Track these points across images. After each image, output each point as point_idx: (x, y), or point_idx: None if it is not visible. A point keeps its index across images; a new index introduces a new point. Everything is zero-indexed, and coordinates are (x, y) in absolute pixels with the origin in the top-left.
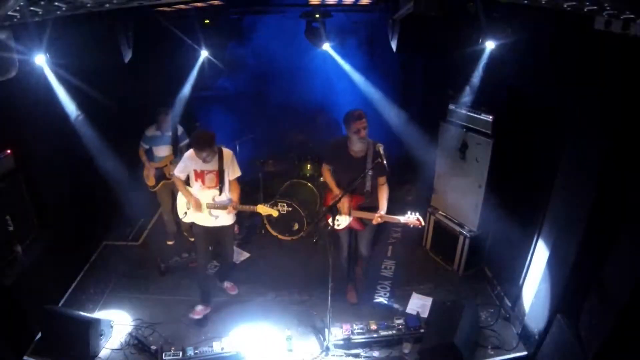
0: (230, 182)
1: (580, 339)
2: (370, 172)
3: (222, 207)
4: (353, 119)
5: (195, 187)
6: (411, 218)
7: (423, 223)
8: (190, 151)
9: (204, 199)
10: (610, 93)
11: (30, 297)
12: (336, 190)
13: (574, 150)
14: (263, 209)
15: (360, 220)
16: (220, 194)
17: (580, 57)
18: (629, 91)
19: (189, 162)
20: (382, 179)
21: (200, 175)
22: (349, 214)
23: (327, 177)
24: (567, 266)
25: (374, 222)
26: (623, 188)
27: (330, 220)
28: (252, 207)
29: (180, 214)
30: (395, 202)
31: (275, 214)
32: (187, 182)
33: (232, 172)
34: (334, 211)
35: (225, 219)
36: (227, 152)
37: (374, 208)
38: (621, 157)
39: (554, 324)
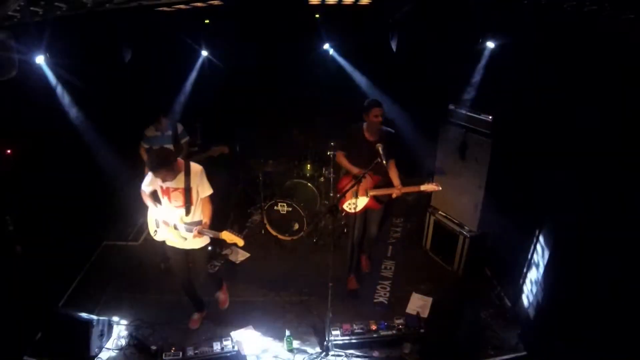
0: (201, 200)
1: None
2: (384, 161)
3: (189, 229)
4: (374, 105)
5: (164, 205)
6: (429, 185)
7: (440, 187)
8: None
9: (172, 219)
10: (611, 92)
11: (30, 297)
12: (355, 170)
13: (574, 150)
14: (228, 236)
15: (376, 198)
16: (187, 214)
17: (580, 57)
18: (629, 90)
19: (153, 178)
20: (391, 162)
21: (165, 192)
22: (366, 195)
23: (344, 162)
24: (567, 266)
25: (394, 196)
26: (623, 188)
27: (345, 205)
28: (217, 233)
29: (151, 232)
30: (396, 202)
31: (240, 243)
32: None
33: (202, 189)
34: (334, 211)
35: (195, 242)
36: (195, 168)
37: (388, 184)
38: (621, 156)
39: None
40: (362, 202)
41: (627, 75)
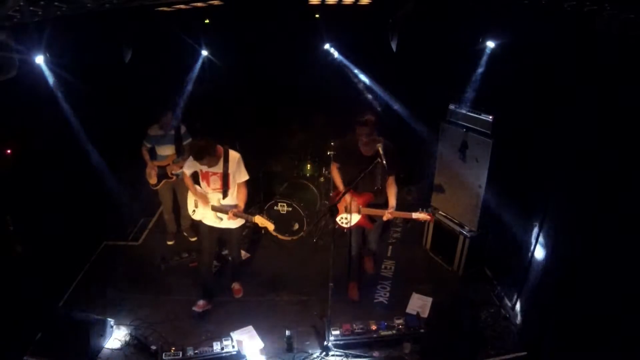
0: (237, 185)
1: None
2: (376, 170)
3: (225, 211)
4: (358, 125)
5: (203, 187)
6: (422, 214)
7: (433, 217)
8: None
9: (210, 201)
10: (609, 92)
11: (30, 297)
12: (341, 188)
13: (574, 150)
14: (260, 220)
15: (369, 217)
16: (224, 198)
17: (580, 57)
18: (628, 90)
19: (194, 162)
20: (390, 178)
21: (205, 176)
22: (359, 212)
23: (334, 175)
24: (566, 266)
25: (385, 219)
26: (624, 189)
27: (338, 219)
28: (250, 216)
29: (190, 211)
30: (397, 203)
31: (271, 227)
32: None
33: (239, 175)
34: (334, 212)
35: (230, 222)
36: (233, 155)
37: (383, 205)
38: (622, 156)
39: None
40: (354, 218)
41: (627, 74)
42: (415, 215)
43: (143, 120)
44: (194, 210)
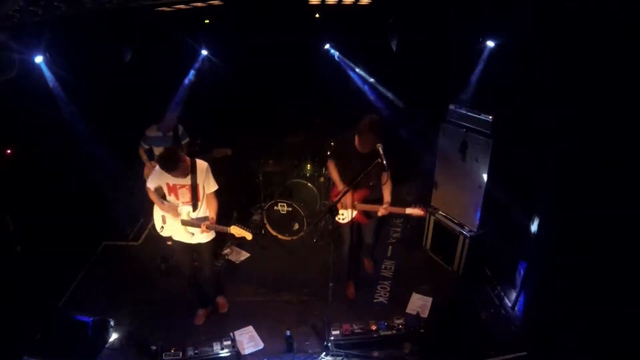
0: (206, 196)
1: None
2: (384, 161)
3: (197, 224)
4: (366, 131)
5: (171, 202)
6: (415, 209)
7: (426, 212)
8: None
9: (179, 214)
10: (609, 91)
11: (30, 297)
12: (340, 186)
13: (574, 150)
14: (237, 231)
15: (364, 213)
16: (194, 210)
17: (580, 57)
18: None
19: (159, 176)
20: (384, 176)
21: (172, 189)
22: (354, 207)
23: (333, 172)
24: (567, 265)
25: (380, 214)
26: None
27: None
28: (225, 227)
29: (157, 228)
30: (396, 203)
31: (249, 237)
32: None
33: (208, 186)
34: (334, 211)
35: (202, 236)
36: (201, 165)
37: (378, 200)
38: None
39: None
40: (349, 214)
41: (627, 73)
42: (408, 210)
43: (143, 121)
44: (162, 227)
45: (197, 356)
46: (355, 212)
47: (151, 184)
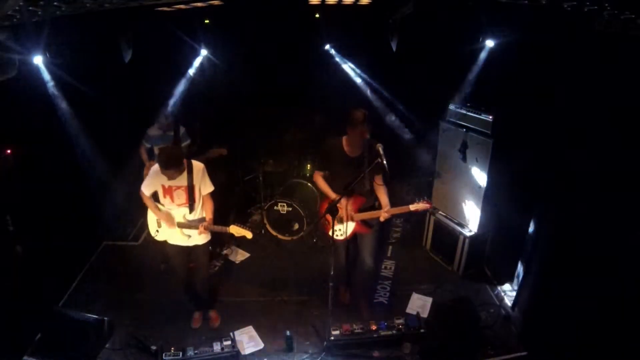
0: (202, 198)
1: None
2: (384, 161)
3: (194, 226)
4: (359, 123)
5: (166, 205)
6: (420, 204)
7: (431, 205)
8: (156, 165)
9: (175, 218)
10: (609, 91)
11: (30, 297)
12: (333, 195)
13: (574, 150)
14: (236, 230)
15: (364, 222)
16: (190, 212)
17: (580, 57)
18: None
19: (155, 178)
20: (379, 178)
21: (168, 191)
22: (352, 219)
23: (321, 184)
24: (567, 265)
25: (382, 219)
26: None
27: (330, 233)
28: (224, 227)
29: (152, 232)
30: (395, 203)
31: (249, 236)
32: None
33: (204, 187)
34: (334, 212)
35: (199, 238)
36: (197, 166)
37: (375, 207)
38: (623, 156)
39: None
40: (349, 227)
41: (627, 74)
42: (413, 207)
43: (143, 121)
44: (157, 231)
45: (197, 356)
46: (353, 224)
47: (146, 189)
